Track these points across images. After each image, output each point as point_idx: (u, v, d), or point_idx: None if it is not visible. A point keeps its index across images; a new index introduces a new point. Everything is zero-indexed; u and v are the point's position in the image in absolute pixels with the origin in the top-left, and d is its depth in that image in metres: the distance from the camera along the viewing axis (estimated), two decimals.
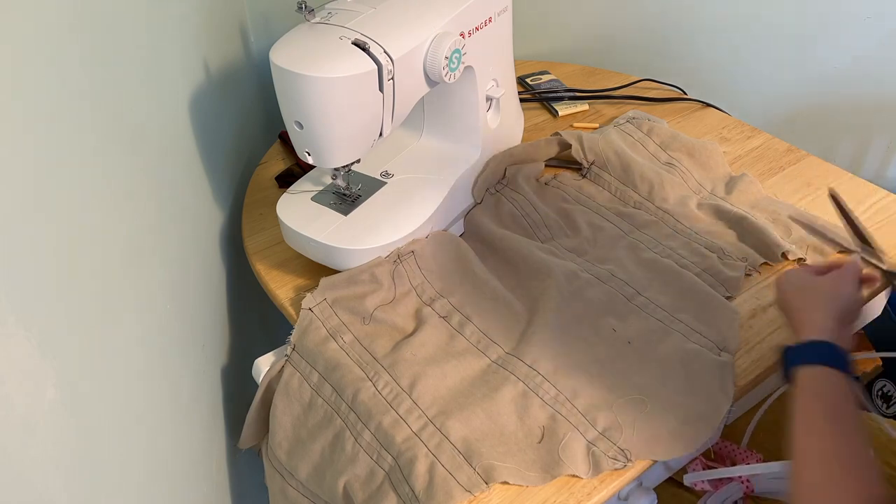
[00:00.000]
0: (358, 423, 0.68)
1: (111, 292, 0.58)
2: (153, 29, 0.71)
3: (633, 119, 1.06)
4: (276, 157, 1.05)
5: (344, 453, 0.68)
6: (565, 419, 0.67)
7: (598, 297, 0.78)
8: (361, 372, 0.71)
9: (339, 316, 0.76)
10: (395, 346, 0.74)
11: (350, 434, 0.68)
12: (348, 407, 0.70)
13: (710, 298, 0.78)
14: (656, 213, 0.90)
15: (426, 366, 0.71)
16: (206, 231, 0.85)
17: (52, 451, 0.48)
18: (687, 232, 0.87)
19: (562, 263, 0.81)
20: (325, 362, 0.72)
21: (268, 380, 0.75)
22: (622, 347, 0.73)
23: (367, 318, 0.76)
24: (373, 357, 0.73)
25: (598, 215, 0.90)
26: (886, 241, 0.86)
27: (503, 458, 0.64)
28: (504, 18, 0.85)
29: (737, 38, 1.28)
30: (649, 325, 0.76)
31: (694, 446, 0.66)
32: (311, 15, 0.72)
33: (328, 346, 0.73)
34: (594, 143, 0.97)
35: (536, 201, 0.90)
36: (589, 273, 0.81)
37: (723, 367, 0.71)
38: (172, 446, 0.71)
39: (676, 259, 0.83)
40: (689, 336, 0.74)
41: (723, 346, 0.74)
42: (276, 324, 1.12)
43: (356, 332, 0.75)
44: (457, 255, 0.83)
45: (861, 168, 1.38)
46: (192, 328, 0.78)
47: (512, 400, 0.69)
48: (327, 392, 0.71)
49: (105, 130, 0.59)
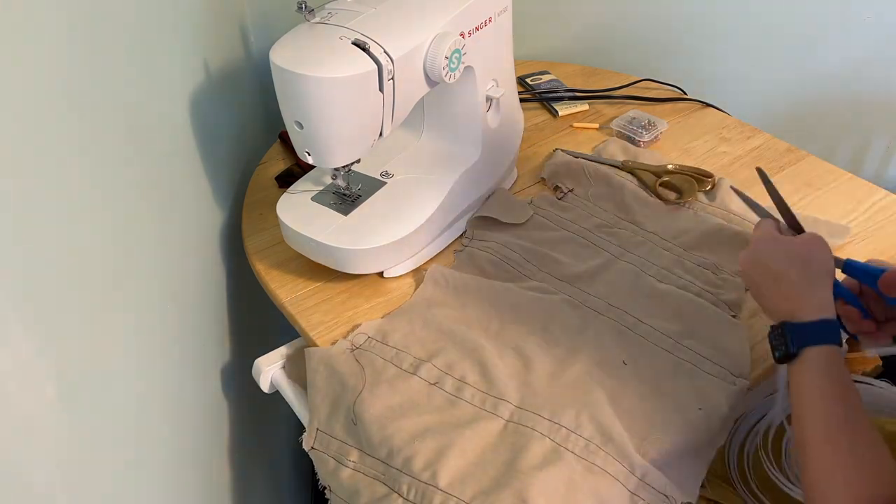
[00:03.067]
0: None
1: (111, 292, 0.58)
2: (153, 29, 0.71)
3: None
4: (276, 157, 1.05)
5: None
6: (603, 470, 0.63)
7: (599, 331, 0.76)
8: (383, 487, 0.65)
9: (337, 434, 0.70)
10: (395, 432, 0.67)
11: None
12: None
13: (714, 320, 0.76)
14: (643, 233, 0.88)
15: (439, 446, 0.65)
16: (206, 231, 0.85)
17: (52, 451, 0.48)
18: (677, 250, 0.85)
19: (554, 300, 0.79)
20: (345, 492, 0.68)
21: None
22: (636, 384, 0.70)
23: (354, 418, 0.69)
24: (385, 463, 0.66)
25: (584, 240, 0.87)
26: (887, 241, 0.87)
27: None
28: (504, 18, 0.85)
29: (737, 38, 1.28)
30: (658, 357, 0.73)
31: (703, 475, 0.66)
32: (311, 15, 0.72)
33: (341, 475, 0.68)
34: (569, 169, 0.96)
35: (509, 240, 0.87)
36: (586, 305, 0.78)
37: (737, 396, 0.69)
38: (172, 446, 0.71)
39: (673, 280, 0.81)
40: (701, 365, 0.72)
41: (736, 371, 0.71)
42: (276, 324, 1.12)
43: (357, 441, 0.69)
44: (424, 319, 0.77)
45: (861, 168, 1.38)
46: (192, 328, 0.78)
47: (545, 460, 0.64)
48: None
49: (105, 130, 0.59)
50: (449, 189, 0.84)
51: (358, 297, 0.82)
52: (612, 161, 1.00)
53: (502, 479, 0.63)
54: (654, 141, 1.05)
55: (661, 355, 0.73)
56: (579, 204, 0.93)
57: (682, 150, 1.04)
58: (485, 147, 0.88)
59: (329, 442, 0.70)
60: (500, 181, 0.95)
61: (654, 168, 0.98)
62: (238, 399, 0.92)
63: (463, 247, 0.88)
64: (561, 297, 0.80)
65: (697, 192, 0.94)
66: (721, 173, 0.98)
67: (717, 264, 0.83)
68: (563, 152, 1.02)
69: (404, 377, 0.71)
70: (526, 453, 0.64)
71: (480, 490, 0.62)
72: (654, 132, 1.05)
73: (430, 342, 0.74)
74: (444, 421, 0.68)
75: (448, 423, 0.67)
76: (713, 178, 0.96)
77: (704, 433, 0.67)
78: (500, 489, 0.62)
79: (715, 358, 0.72)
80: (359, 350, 0.74)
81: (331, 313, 0.80)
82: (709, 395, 0.69)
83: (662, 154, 1.02)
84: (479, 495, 0.62)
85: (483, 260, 0.85)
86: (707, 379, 0.71)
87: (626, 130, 1.05)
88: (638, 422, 0.67)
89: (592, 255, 0.85)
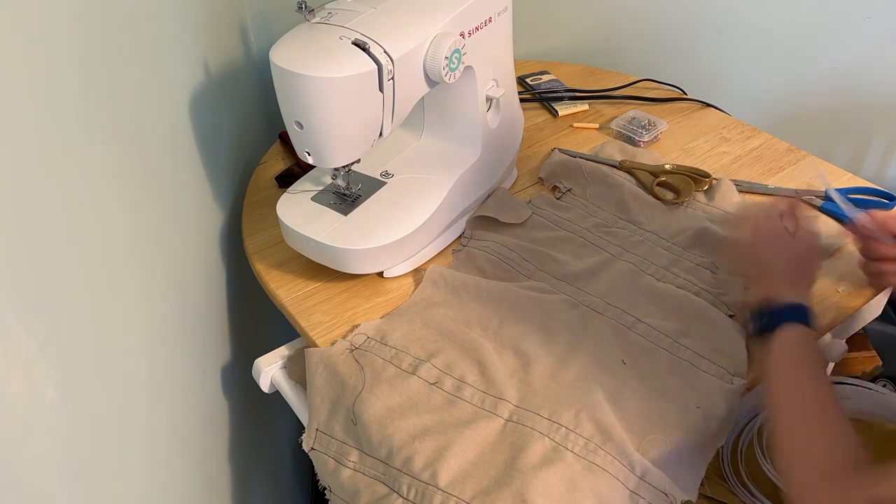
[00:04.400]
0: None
1: (111, 292, 0.58)
2: (153, 29, 0.71)
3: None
4: (276, 157, 1.05)
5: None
6: (603, 469, 0.63)
7: (598, 330, 0.76)
8: (383, 487, 0.66)
9: (336, 435, 0.70)
10: (395, 432, 0.67)
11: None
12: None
13: (712, 319, 0.76)
14: (642, 233, 0.88)
15: (438, 445, 0.65)
16: (206, 231, 0.85)
17: (52, 451, 0.48)
18: (676, 249, 0.85)
19: (553, 299, 0.78)
20: (345, 493, 0.68)
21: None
22: (635, 383, 0.71)
23: (353, 418, 0.69)
24: (385, 463, 0.66)
25: (583, 239, 0.87)
26: None
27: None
28: (504, 18, 0.85)
29: (737, 39, 1.28)
30: (656, 356, 0.73)
31: (702, 474, 0.67)
32: (311, 15, 0.72)
33: (341, 475, 0.68)
34: (567, 168, 0.97)
35: (507, 240, 0.87)
36: (584, 304, 0.78)
37: (735, 395, 0.69)
38: (172, 445, 0.71)
39: (672, 280, 0.81)
40: (699, 364, 0.72)
41: (734, 370, 0.71)
42: (276, 324, 1.12)
43: (357, 441, 0.69)
44: (423, 319, 0.77)
45: (861, 168, 1.38)
46: (192, 328, 0.78)
47: (545, 459, 0.64)
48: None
49: (104, 130, 0.59)
50: (449, 189, 0.84)
51: (358, 297, 0.82)
52: (609, 161, 1.00)
53: (502, 479, 0.63)
54: (654, 141, 1.05)
55: (659, 354, 0.73)
56: (577, 203, 0.93)
57: (683, 149, 1.04)
58: (485, 147, 0.88)
59: (329, 442, 0.70)
60: (500, 181, 0.95)
61: (652, 168, 0.98)
62: (238, 399, 0.92)
63: (462, 246, 0.88)
64: (560, 296, 0.80)
65: (695, 191, 0.94)
66: (721, 173, 0.98)
67: (716, 263, 0.83)
68: (561, 152, 1.02)
69: (404, 377, 0.71)
70: (525, 453, 0.64)
71: (480, 489, 0.62)
72: (654, 132, 1.05)
73: (429, 342, 0.74)
74: (443, 420, 0.68)
75: (447, 423, 0.67)
76: (710, 178, 0.96)
77: (703, 432, 0.67)
78: (500, 489, 0.62)
79: (713, 357, 0.73)
80: (358, 350, 0.74)
81: (331, 313, 0.80)
82: (707, 394, 0.69)
83: (662, 154, 1.03)
84: (479, 495, 0.62)
85: (482, 259, 0.85)
86: (705, 378, 0.71)
87: (626, 130, 1.05)
88: (637, 421, 0.67)
89: (591, 255, 0.85)
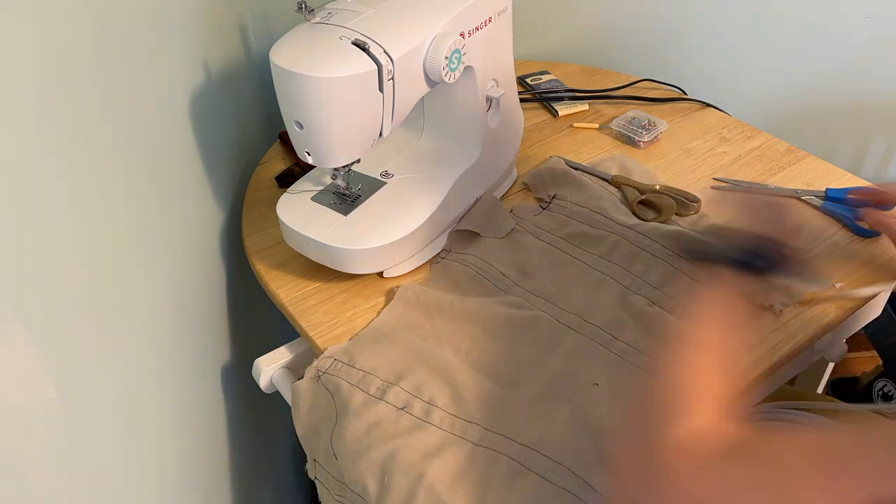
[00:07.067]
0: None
1: (111, 292, 0.58)
2: (153, 29, 0.71)
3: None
4: (276, 157, 1.05)
5: None
6: (570, 493, 0.62)
7: (573, 350, 0.74)
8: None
9: (329, 468, 0.70)
10: (366, 469, 0.66)
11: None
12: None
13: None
14: (619, 229, 0.86)
15: (409, 481, 0.64)
16: (206, 231, 0.85)
17: (52, 451, 0.48)
18: (654, 247, 0.83)
19: (528, 316, 0.77)
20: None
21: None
22: (608, 402, 0.69)
23: (334, 454, 0.69)
24: (363, 500, 0.66)
25: (561, 252, 0.85)
26: (887, 241, 0.86)
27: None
28: (504, 18, 0.85)
29: (736, 38, 1.28)
30: (633, 375, 0.71)
31: None
32: (311, 15, 0.72)
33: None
34: (553, 174, 0.96)
35: (487, 252, 0.85)
36: (560, 321, 0.77)
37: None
38: (173, 446, 0.71)
39: (648, 293, 0.79)
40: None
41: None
42: (276, 324, 1.12)
43: (340, 476, 0.69)
44: (392, 338, 0.75)
45: (861, 168, 1.38)
46: (192, 328, 0.78)
47: (509, 481, 0.64)
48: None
49: (104, 130, 0.59)
50: (449, 189, 0.84)
51: (358, 297, 0.82)
52: (603, 174, 0.98)
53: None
54: (654, 141, 1.05)
55: (636, 373, 0.72)
56: (561, 211, 0.91)
57: (682, 150, 1.04)
58: (485, 147, 0.88)
59: (326, 476, 0.71)
60: (500, 181, 0.95)
61: (642, 186, 0.95)
62: (238, 399, 0.92)
63: (440, 259, 0.87)
64: (536, 312, 0.78)
65: (677, 214, 0.91)
66: (721, 173, 0.98)
67: (692, 275, 0.80)
68: (559, 160, 1.00)
69: (371, 403, 0.69)
70: (495, 477, 0.64)
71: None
72: (654, 132, 1.05)
73: (398, 362, 0.72)
74: (411, 447, 0.66)
75: (417, 451, 0.66)
76: (699, 204, 0.92)
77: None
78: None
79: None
80: (326, 375, 0.73)
81: (331, 313, 0.80)
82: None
83: (662, 154, 1.02)
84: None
85: (459, 273, 0.84)
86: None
87: (626, 130, 1.05)
88: (605, 442, 0.66)
89: (569, 267, 0.84)
